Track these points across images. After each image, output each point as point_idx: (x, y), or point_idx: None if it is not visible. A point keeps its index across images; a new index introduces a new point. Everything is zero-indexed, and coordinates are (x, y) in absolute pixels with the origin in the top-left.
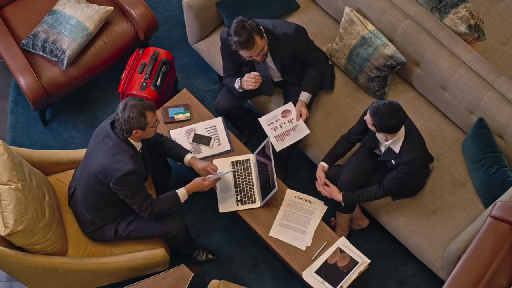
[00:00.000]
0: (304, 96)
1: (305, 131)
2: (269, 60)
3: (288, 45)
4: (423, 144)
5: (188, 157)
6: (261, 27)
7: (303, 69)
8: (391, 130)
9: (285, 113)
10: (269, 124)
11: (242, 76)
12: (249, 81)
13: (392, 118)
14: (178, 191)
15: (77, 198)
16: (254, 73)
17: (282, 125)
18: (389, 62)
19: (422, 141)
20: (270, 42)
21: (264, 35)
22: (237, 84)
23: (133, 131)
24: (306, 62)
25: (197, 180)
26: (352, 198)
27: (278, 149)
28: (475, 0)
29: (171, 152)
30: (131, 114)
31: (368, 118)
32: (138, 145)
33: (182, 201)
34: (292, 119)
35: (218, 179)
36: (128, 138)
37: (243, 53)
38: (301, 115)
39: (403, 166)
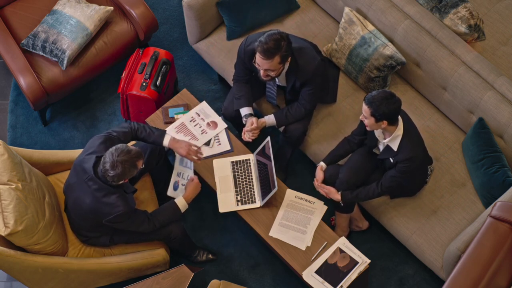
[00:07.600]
0: (270, 120)
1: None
2: (282, 78)
3: (303, 75)
4: (421, 144)
5: (166, 141)
6: (289, 58)
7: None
8: (390, 115)
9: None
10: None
11: (251, 82)
12: (247, 135)
13: (388, 101)
14: (176, 201)
15: (70, 212)
16: (252, 133)
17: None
18: (389, 62)
19: (421, 141)
20: (290, 63)
21: (287, 64)
22: (244, 116)
23: (124, 180)
24: (299, 95)
25: (189, 184)
26: (351, 197)
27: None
28: (475, 0)
29: (149, 141)
30: (123, 170)
31: (364, 109)
32: None
33: (183, 211)
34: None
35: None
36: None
37: (257, 58)
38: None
39: (401, 164)
